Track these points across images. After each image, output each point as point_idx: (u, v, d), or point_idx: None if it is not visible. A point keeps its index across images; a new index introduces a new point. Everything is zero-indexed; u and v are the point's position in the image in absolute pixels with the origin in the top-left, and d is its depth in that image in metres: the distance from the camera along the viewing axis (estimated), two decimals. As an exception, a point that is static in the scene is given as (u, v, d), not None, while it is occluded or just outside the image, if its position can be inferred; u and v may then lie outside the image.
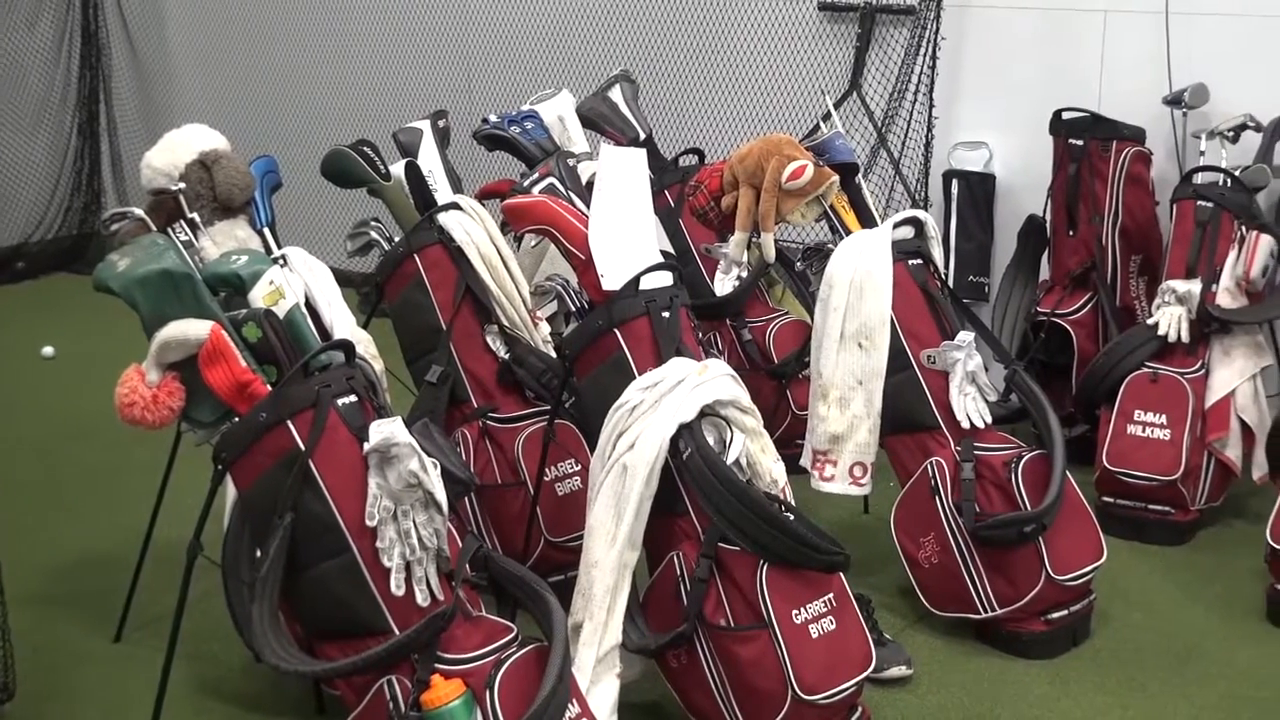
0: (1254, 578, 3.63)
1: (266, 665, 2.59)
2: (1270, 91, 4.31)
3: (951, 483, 3.33)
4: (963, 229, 4.94)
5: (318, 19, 6.41)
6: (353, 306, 3.30)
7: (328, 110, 6.24)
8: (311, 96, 6.42)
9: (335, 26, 6.37)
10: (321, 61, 6.42)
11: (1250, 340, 4.02)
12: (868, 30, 5.01)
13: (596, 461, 2.90)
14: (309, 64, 6.45)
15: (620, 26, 5.58)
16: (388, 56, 6.21)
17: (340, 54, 6.37)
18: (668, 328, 2.98)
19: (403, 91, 6.01)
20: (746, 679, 2.79)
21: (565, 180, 3.43)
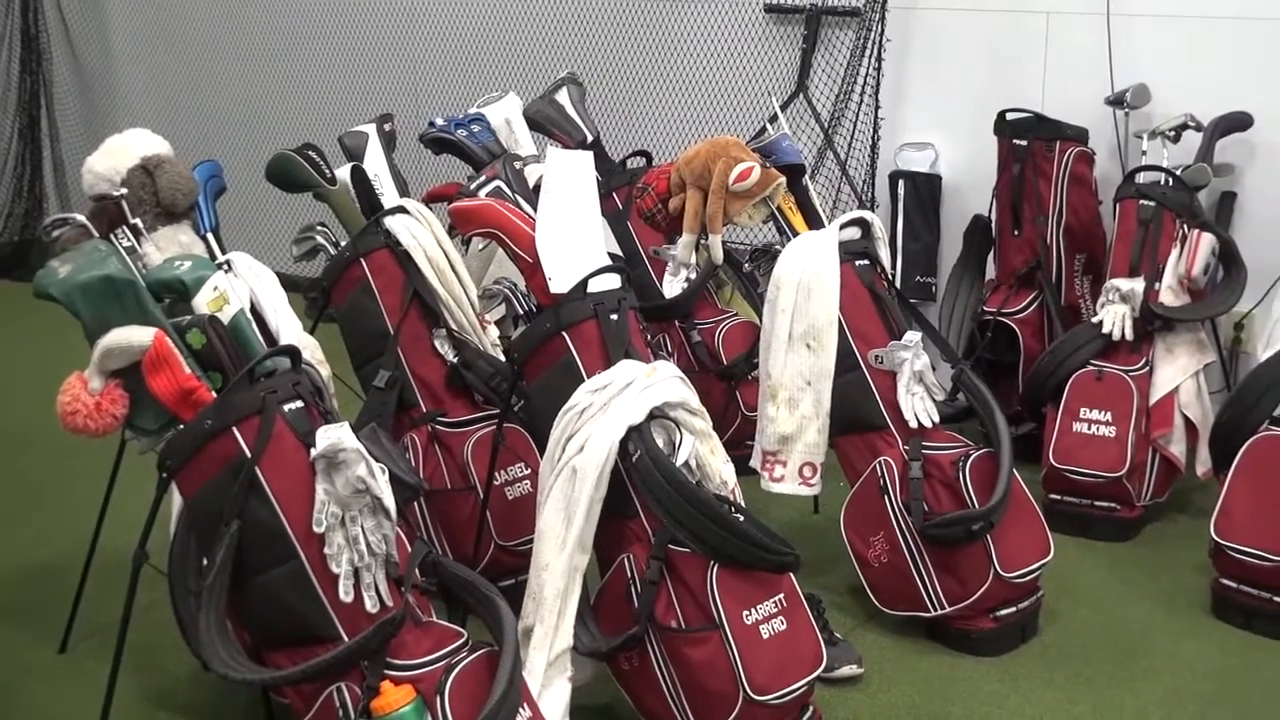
0: (1198, 572, 3.67)
1: (214, 674, 2.57)
2: (1210, 91, 4.36)
3: (900, 482, 3.35)
4: (909, 229, 4.96)
5: (262, 22, 6.37)
6: (299, 312, 3.28)
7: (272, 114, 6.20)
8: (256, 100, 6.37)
9: (279, 29, 6.33)
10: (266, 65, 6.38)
11: (1193, 338, 4.07)
12: (813, 32, 5.02)
13: (546, 465, 2.89)
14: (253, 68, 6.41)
15: (567, 29, 5.58)
16: (333, 60, 6.18)
17: (285, 57, 6.33)
18: (616, 330, 2.98)
19: (348, 95, 5.98)
20: (698, 680, 2.79)
21: (512, 183, 3.42)
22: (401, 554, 2.66)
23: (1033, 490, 3.50)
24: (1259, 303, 4.28)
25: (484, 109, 4.23)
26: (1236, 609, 3.49)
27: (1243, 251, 4.08)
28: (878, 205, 4.96)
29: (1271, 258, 4.07)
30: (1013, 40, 4.75)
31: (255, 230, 5.48)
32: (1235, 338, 4.48)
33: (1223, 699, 3.18)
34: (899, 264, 4.94)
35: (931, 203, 4.95)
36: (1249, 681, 3.25)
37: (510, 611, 2.64)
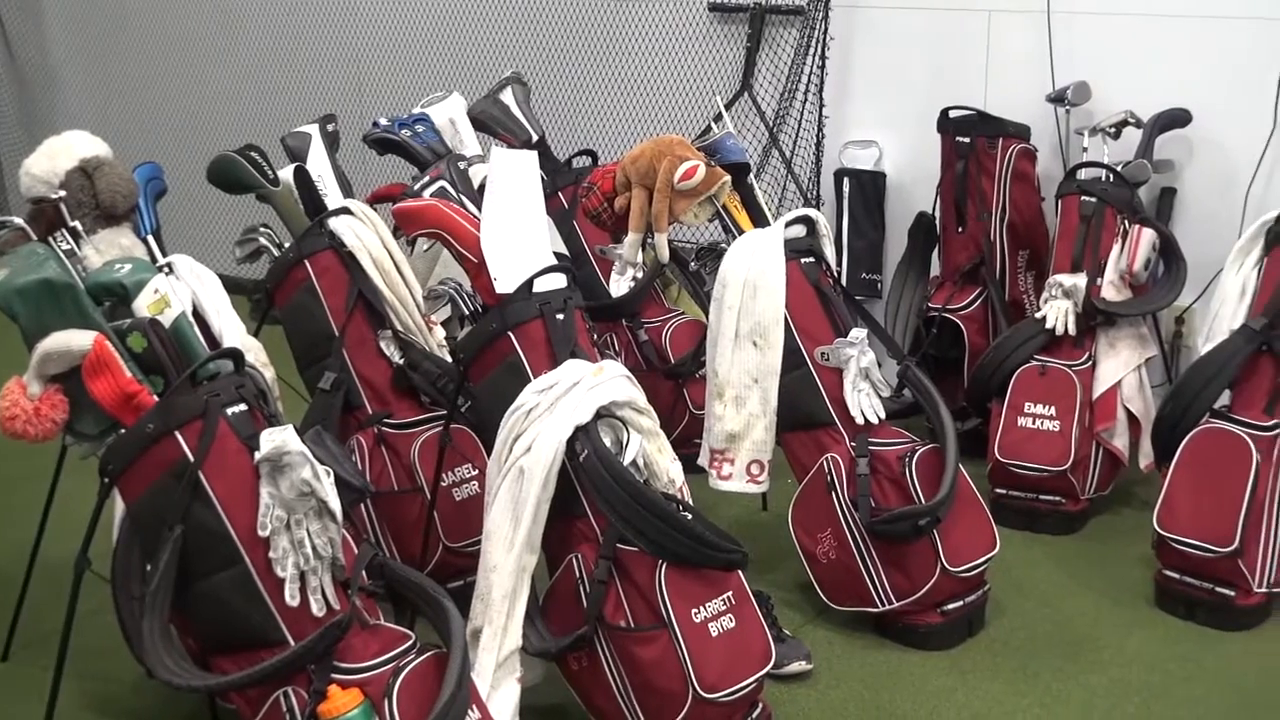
0: (1143, 564, 3.71)
1: (159, 681, 2.54)
2: (1149, 88, 4.40)
3: (847, 478, 3.36)
4: (854, 227, 4.99)
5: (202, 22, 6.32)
6: (244, 314, 3.25)
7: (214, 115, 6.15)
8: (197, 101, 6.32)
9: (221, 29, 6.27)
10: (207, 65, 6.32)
11: (1134, 332, 4.11)
12: (758, 31, 5.03)
13: (493, 465, 2.88)
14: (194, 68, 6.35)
15: (512, 28, 5.57)
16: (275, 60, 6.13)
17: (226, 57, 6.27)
18: (562, 330, 2.97)
19: (291, 95, 5.94)
20: (647, 679, 2.79)
21: (456, 183, 3.40)
22: (348, 556, 2.64)
23: (978, 485, 3.52)
24: (1199, 297, 4.34)
25: (428, 109, 4.20)
26: (1179, 600, 3.53)
27: (1183, 246, 4.13)
28: (823, 203, 4.98)
29: (1211, 252, 4.11)
30: (955, 38, 4.78)
31: (197, 233, 5.43)
32: (1176, 332, 4.53)
33: (1167, 690, 3.21)
34: (844, 261, 4.97)
35: (876, 200, 4.97)
36: (1192, 672, 3.28)
37: (458, 613, 2.63)
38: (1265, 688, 3.21)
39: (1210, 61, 4.36)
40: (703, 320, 4.09)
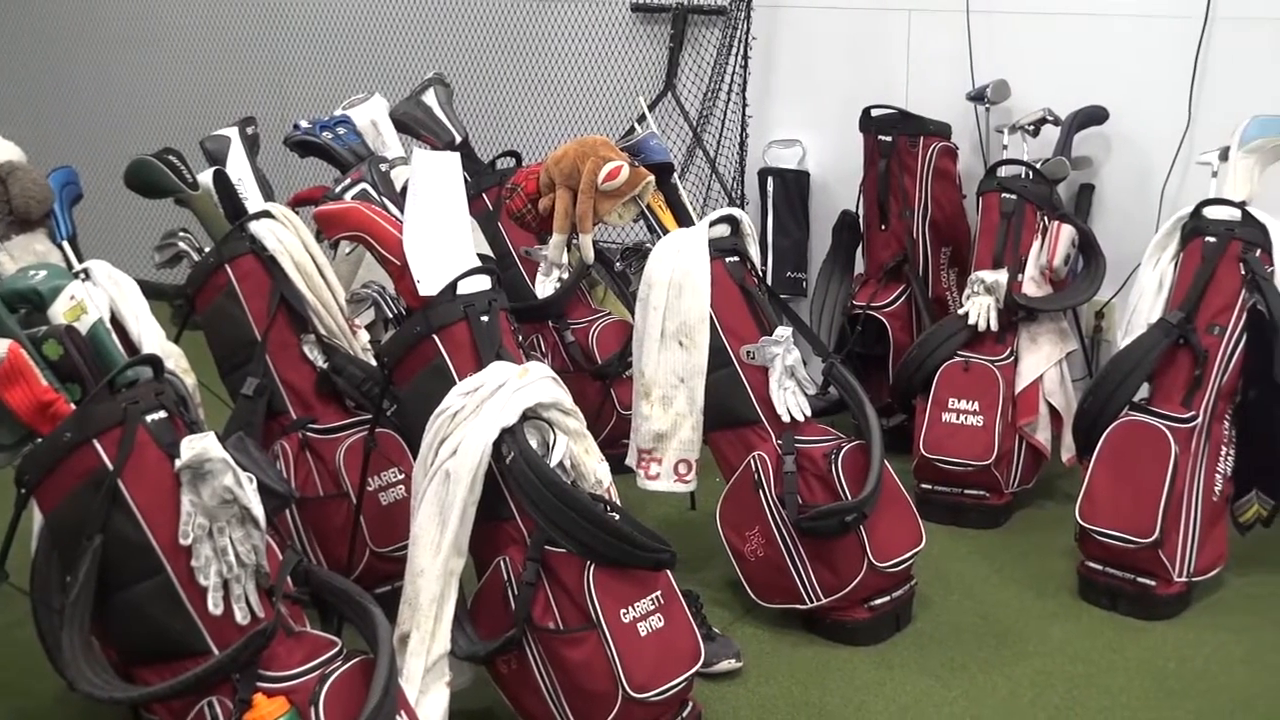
0: (1066, 556, 3.75)
1: (81, 694, 2.50)
2: (1067, 86, 4.46)
3: (774, 476, 3.37)
4: (779, 225, 5.01)
5: (118, 22, 6.23)
6: (164, 320, 3.21)
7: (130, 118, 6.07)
8: (113, 104, 6.23)
9: (137, 30, 6.19)
10: (123, 67, 6.24)
11: (1055, 327, 4.17)
12: (680, 31, 5.05)
13: (419, 469, 2.86)
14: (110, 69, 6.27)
15: (433, 29, 5.54)
16: (193, 61, 6.06)
17: (143, 59, 6.19)
18: (487, 332, 2.96)
19: (209, 98, 5.87)
20: (577, 680, 2.78)
21: (378, 185, 3.38)
22: (272, 564, 2.61)
23: (904, 480, 3.55)
24: (1118, 291, 4.40)
25: (349, 111, 4.17)
26: (1102, 591, 3.58)
27: (1101, 242, 4.19)
28: (747, 202, 5.00)
29: (1129, 247, 4.17)
30: (876, 37, 4.82)
31: (115, 238, 5.33)
32: (1096, 326, 4.60)
33: (1090, 680, 3.25)
34: (769, 260, 4.99)
35: (800, 199, 5.00)
36: (1115, 661, 3.33)
37: (385, 618, 2.61)
38: (1185, 675, 3.26)
39: (1126, 59, 4.43)
40: (629, 320, 4.09)
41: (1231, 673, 3.27)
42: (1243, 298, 3.56)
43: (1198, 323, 3.57)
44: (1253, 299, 3.54)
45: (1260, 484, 3.60)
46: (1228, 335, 3.55)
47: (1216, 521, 3.56)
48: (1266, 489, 3.59)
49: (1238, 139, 3.75)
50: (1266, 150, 3.75)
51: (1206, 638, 3.42)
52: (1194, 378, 3.55)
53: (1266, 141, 3.74)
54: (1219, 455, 3.56)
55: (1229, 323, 3.55)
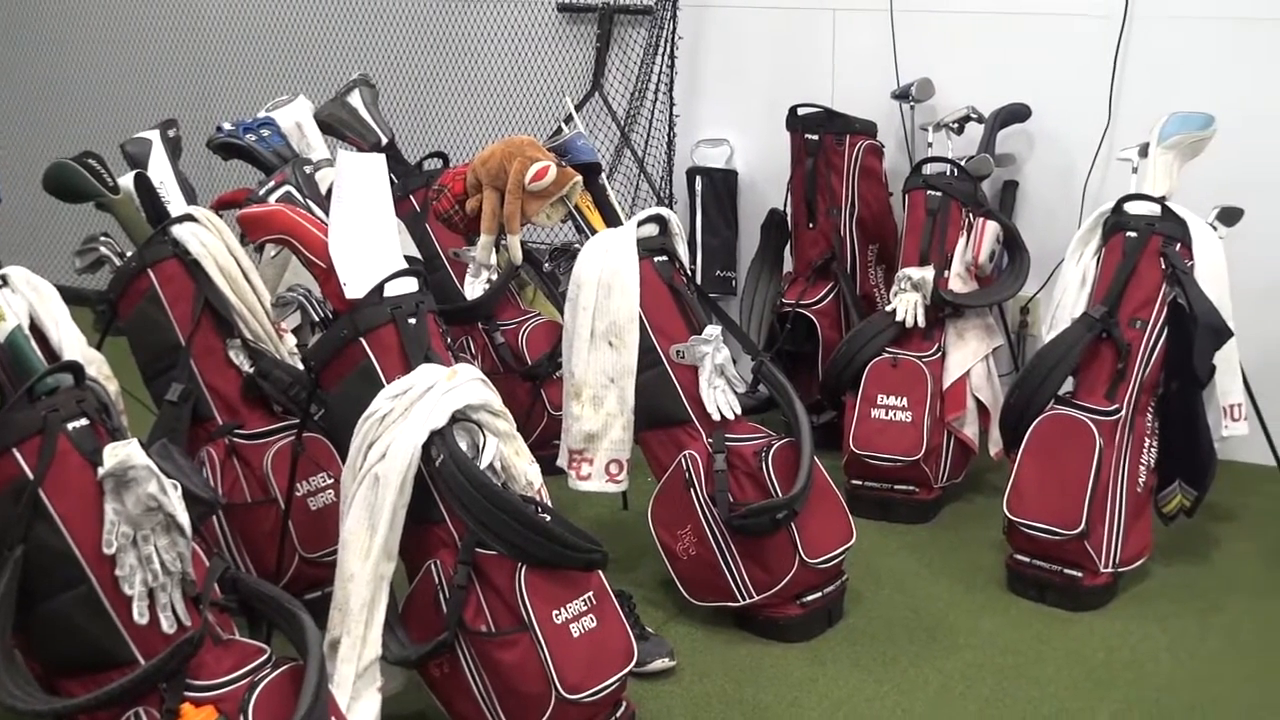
0: (994, 549, 3.79)
1: (3, 706, 2.45)
2: (990, 84, 4.52)
3: (705, 475, 3.38)
4: (708, 225, 5.02)
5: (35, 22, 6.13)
6: (86, 326, 3.16)
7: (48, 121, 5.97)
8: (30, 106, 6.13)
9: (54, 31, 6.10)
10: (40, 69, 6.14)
11: (981, 323, 4.21)
12: (607, 30, 5.05)
13: (347, 473, 2.83)
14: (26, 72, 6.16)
15: (359, 29, 5.51)
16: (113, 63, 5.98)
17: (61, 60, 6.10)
18: (415, 334, 2.94)
19: (130, 100, 5.80)
20: (510, 683, 2.77)
21: (303, 188, 3.35)
22: (199, 571, 2.57)
23: (834, 477, 3.56)
24: (1042, 287, 4.46)
25: (273, 112, 4.13)
26: (1030, 583, 3.62)
27: (1025, 238, 4.24)
28: (676, 202, 5.01)
29: (1052, 243, 4.22)
30: (802, 36, 4.85)
31: (33, 243, 5.25)
32: (1022, 321, 4.66)
33: (1019, 671, 3.29)
34: (699, 259, 5.00)
35: (729, 198, 5.02)
36: (1043, 652, 3.37)
37: (314, 624, 2.58)
38: (1112, 665, 3.30)
39: (1048, 57, 4.49)
40: (559, 321, 4.08)
41: (1157, 661, 3.32)
42: (1163, 292, 3.61)
43: (1120, 317, 3.62)
44: (1173, 293, 3.60)
45: (1183, 475, 3.66)
46: (1149, 329, 3.60)
47: (1141, 513, 3.62)
48: (1189, 480, 3.65)
49: (1157, 135, 3.81)
50: (1185, 146, 3.81)
51: (1132, 627, 3.47)
52: (1117, 371, 3.59)
53: (1185, 138, 3.80)
54: (1142, 447, 3.61)
55: (1150, 316, 3.61)
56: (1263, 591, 3.65)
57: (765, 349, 4.40)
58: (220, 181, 4.74)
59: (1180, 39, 4.30)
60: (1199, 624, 3.49)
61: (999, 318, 4.40)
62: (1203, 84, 4.23)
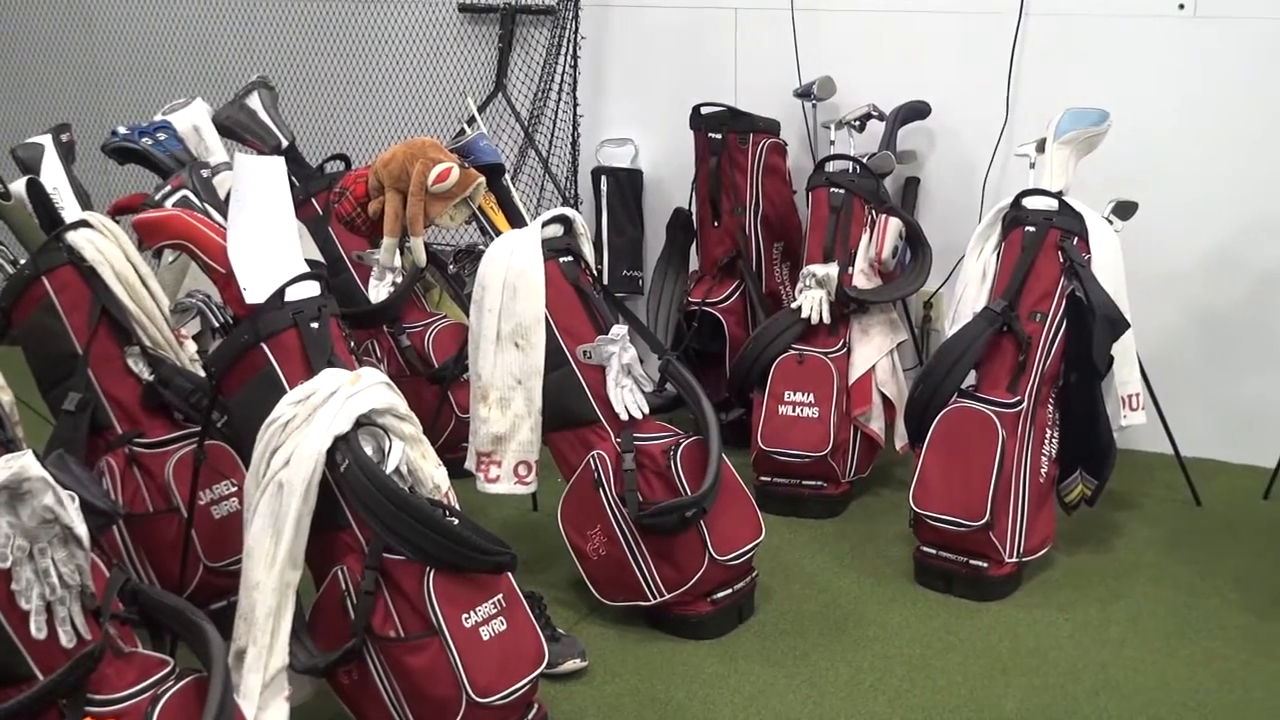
0: (902, 542, 3.83)
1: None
2: (890, 82, 4.56)
3: (614, 474, 3.38)
4: (614, 224, 5.03)
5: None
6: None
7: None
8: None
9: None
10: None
11: (886, 318, 4.25)
12: (509, 31, 5.04)
13: (251, 480, 2.79)
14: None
15: (257, 31, 5.44)
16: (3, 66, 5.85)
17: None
18: (317, 338, 2.90)
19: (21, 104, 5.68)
20: (420, 688, 2.75)
21: (200, 192, 3.30)
22: (99, 583, 2.52)
23: (743, 474, 3.58)
24: (945, 282, 4.51)
25: (170, 116, 4.07)
26: (937, 575, 3.66)
27: (927, 233, 4.29)
28: (581, 202, 5.01)
29: (954, 238, 4.27)
30: (704, 35, 4.87)
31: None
32: (925, 316, 4.71)
33: (927, 662, 3.32)
34: (605, 259, 5.01)
35: (634, 197, 5.02)
36: (951, 643, 3.41)
37: (218, 635, 2.54)
38: (1017, 653, 3.35)
39: (947, 55, 4.55)
40: (465, 323, 4.06)
41: (1060, 648, 3.37)
42: (1062, 285, 3.67)
43: (1020, 310, 3.67)
44: (1071, 286, 3.66)
45: (1083, 465, 3.72)
46: (1049, 321, 3.66)
47: (1044, 503, 3.67)
48: (1089, 469, 3.71)
49: (1053, 131, 3.88)
50: (1080, 141, 3.88)
51: (1037, 616, 3.52)
52: (1018, 364, 3.65)
53: (1080, 133, 3.87)
54: (1044, 438, 3.67)
55: (1050, 309, 3.66)
56: (1162, 577, 3.73)
57: (672, 348, 4.41)
58: (116, 186, 4.66)
59: (1074, 35, 4.38)
60: (1101, 611, 3.55)
61: (903, 313, 4.45)
62: (1097, 80, 4.31)
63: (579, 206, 4.95)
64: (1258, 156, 4.22)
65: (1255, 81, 4.19)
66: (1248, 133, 4.23)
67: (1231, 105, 4.23)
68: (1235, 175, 4.26)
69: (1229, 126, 4.25)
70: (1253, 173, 4.24)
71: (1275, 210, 4.23)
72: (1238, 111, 4.23)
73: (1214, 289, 4.38)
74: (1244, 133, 4.23)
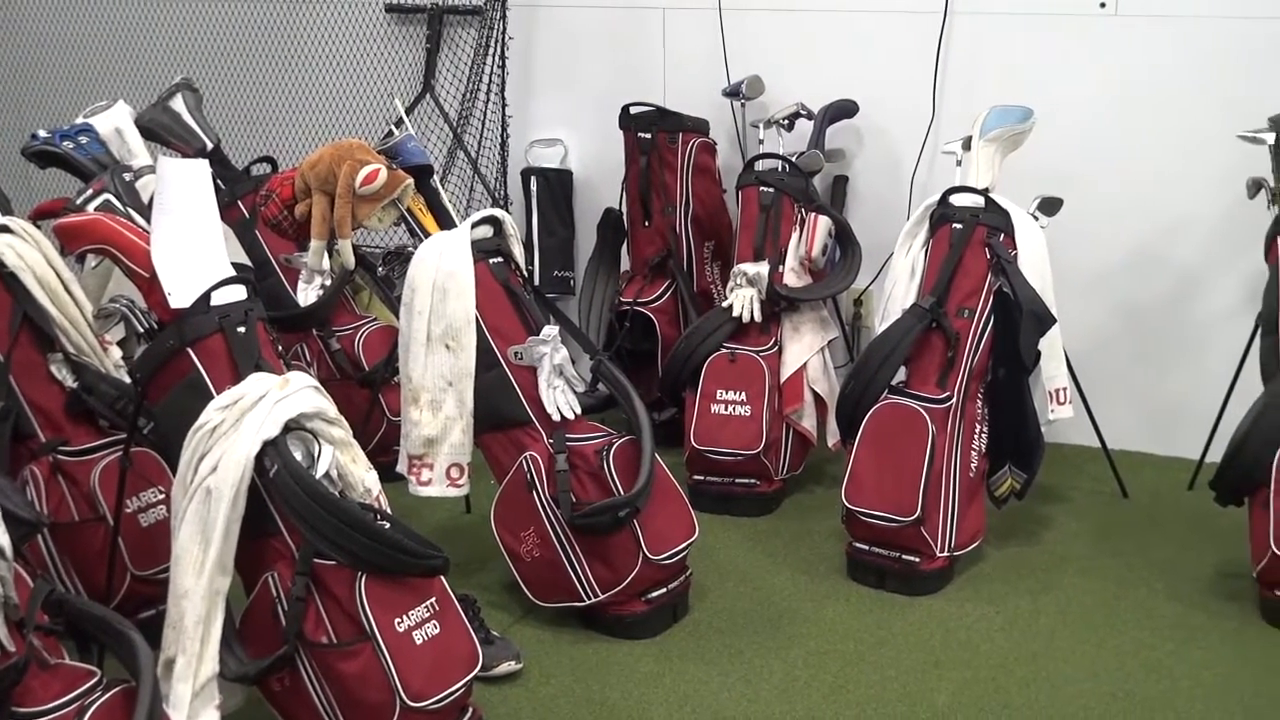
0: (835, 538, 3.85)
1: None
2: (818, 81, 4.59)
3: (547, 475, 3.37)
4: (544, 225, 5.02)
5: None
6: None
7: None
8: None
9: None
10: None
11: (816, 316, 4.27)
12: (437, 31, 5.01)
13: (178, 487, 2.76)
14: None
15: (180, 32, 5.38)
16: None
17: None
18: (244, 343, 2.87)
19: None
20: (353, 694, 2.73)
21: (123, 196, 3.26)
22: (22, 594, 2.49)
23: (676, 473, 3.59)
24: (874, 279, 4.54)
25: (92, 119, 4.01)
26: (869, 570, 3.69)
27: (856, 231, 4.31)
28: (511, 203, 5.00)
29: (883, 236, 4.30)
30: (632, 35, 4.87)
31: None
32: (855, 313, 4.75)
33: (861, 657, 3.34)
34: (536, 260, 5.00)
35: (564, 198, 5.02)
36: (884, 638, 3.43)
37: (145, 644, 2.51)
38: (949, 646, 3.38)
39: (874, 54, 4.58)
40: (395, 325, 4.03)
41: (992, 641, 3.41)
42: (989, 281, 3.71)
43: (948, 307, 3.71)
44: (998, 282, 3.69)
45: (1012, 459, 3.76)
46: (977, 317, 3.69)
47: (974, 497, 3.71)
48: (1018, 463, 3.75)
49: (978, 129, 3.92)
50: (1005, 139, 3.92)
51: (968, 609, 3.56)
52: (947, 359, 3.68)
53: (1005, 131, 3.91)
54: (973, 433, 3.70)
55: (977, 306, 3.70)
56: (1090, 568, 3.77)
57: (604, 348, 4.42)
58: (37, 191, 4.59)
59: (999, 34, 4.42)
60: (1031, 602, 3.59)
61: (833, 311, 4.48)
62: (1022, 78, 4.36)
63: (509, 207, 4.94)
64: (1180, 154, 4.29)
65: (1175, 79, 4.26)
66: (1170, 130, 4.29)
67: (1153, 103, 4.30)
68: (1159, 172, 4.33)
69: (1151, 124, 4.31)
70: (1176, 170, 4.30)
71: (1198, 207, 4.30)
72: (1159, 109, 4.29)
73: (1139, 285, 4.44)
74: (1166, 130, 4.29)
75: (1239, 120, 3.80)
